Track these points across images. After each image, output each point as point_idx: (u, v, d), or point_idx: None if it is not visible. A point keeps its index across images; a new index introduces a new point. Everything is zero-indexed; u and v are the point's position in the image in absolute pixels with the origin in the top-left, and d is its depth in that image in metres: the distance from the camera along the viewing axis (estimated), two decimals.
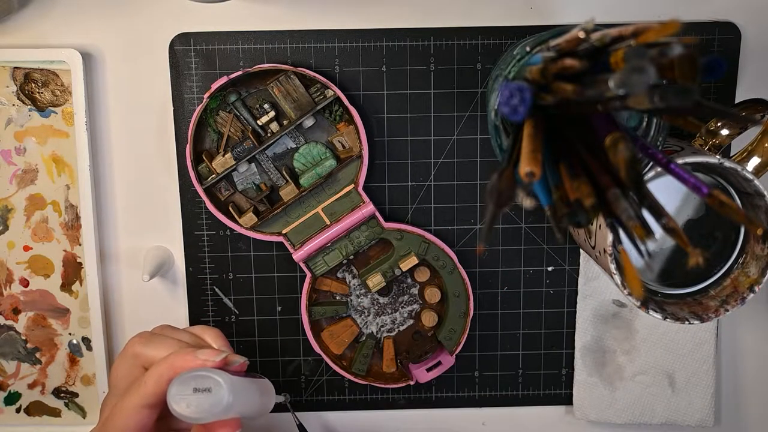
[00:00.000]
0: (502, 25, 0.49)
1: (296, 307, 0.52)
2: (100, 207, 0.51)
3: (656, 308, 0.44)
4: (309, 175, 0.50)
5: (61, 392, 0.53)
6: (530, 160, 0.31)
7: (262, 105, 0.49)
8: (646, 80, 0.28)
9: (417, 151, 0.51)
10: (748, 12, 0.49)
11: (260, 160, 0.50)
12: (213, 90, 0.47)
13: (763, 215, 0.43)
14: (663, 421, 0.54)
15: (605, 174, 0.32)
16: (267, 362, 0.53)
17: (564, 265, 0.52)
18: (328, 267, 0.50)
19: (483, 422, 0.55)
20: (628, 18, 0.49)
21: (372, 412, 0.54)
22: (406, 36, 0.49)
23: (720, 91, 0.50)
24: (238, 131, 0.50)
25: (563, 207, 0.33)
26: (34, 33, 0.49)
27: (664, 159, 0.34)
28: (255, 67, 0.47)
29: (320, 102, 0.48)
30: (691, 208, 0.45)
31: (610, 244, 0.42)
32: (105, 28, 0.49)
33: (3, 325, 0.52)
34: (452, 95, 0.50)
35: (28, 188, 0.51)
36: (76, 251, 0.51)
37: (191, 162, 0.48)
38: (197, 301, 0.52)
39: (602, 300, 0.53)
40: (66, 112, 0.50)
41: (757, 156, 0.44)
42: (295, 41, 0.49)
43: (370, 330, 0.53)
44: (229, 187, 0.50)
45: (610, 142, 0.31)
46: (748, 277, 0.45)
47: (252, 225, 0.49)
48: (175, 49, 0.49)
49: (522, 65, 0.39)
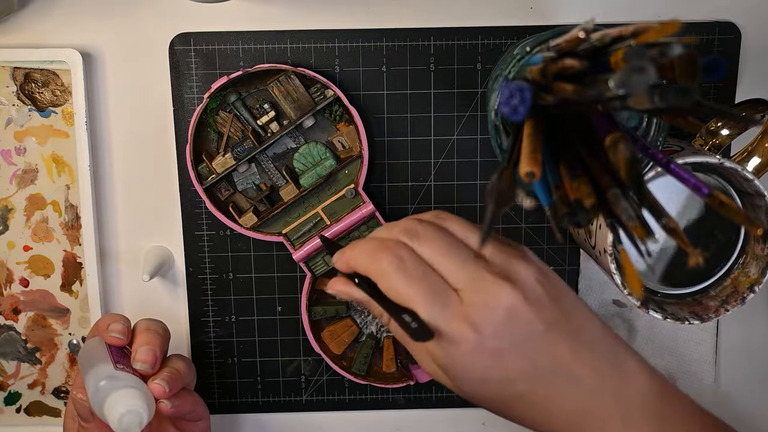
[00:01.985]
0: (502, 25, 0.49)
1: (296, 307, 0.52)
2: (100, 207, 0.51)
3: (656, 308, 0.44)
4: (309, 175, 0.50)
5: (61, 392, 0.53)
6: (530, 160, 0.31)
7: (262, 105, 0.49)
8: (646, 80, 0.28)
9: (417, 151, 0.51)
10: (748, 12, 0.49)
11: (260, 160, 0.50)
12: (213, 90, 0.47)
13: (763, 215, 0.43)
14: None
15: (605, 174, 0.32)
16: (267, 362, 0.53)
17: (564, 265, 0.52)
18: (328, 267, 0.50)
19: (483, 422, 0.55)
20: (628, 18, 0.49)
21: (372, 412, 0.54)
22: (406, 36, 0.49)
23: (720, 91, 0.50)
24: (238, 131, 0.50)
25: (563, 207, 0.33)
26: (34, 33, 0.49)
27: (664, 159, 0.34)
28: (255, 67, 0.47)
29: (320, 102, 0.48)
30: (691, 208, 0.45)
31: (610, 244, 0.42)
32: (105, 28, 0.49)
33: (3, 325, 0.52)
34: (452, 95, 0.50)
35: (28, 188, 0.51)
36: (76, 251, 0.51)
37: (191, 162, 0.48)
38: (197, 301, 0.52)
39: (602, 300, 0.53)
40: (66, 112, 0.50)
41: (757, 156, 0.44)
42: (295, 41, 0.49)
43: (370, 330, 0.53)
44: (229, 187, 0.50)
45: (610, 142, 0.31)
46: (748, 277, 0.45)
47: (252, 225, 0.49)
48: (175, 49, 0.49)
49: (522, 65, 0.39)
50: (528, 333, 0.36)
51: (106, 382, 0.40)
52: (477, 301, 0.35)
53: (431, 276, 0.36)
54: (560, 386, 0.36)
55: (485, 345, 0.35)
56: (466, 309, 0.35)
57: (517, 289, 0.36)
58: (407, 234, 0.38)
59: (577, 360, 0.36)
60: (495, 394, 0.37)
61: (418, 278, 0.36)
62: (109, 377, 0.40)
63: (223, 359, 0.53)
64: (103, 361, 0.42)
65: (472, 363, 0.36)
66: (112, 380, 0.40)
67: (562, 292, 0.38)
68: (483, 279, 0.36)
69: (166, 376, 0.43)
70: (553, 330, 0.36)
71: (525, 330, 0.36)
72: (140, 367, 0.43)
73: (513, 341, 0.36)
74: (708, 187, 0.33)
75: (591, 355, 0.37)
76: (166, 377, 0.43)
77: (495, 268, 0.36)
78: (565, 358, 0.36)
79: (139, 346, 0.43)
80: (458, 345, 0.35)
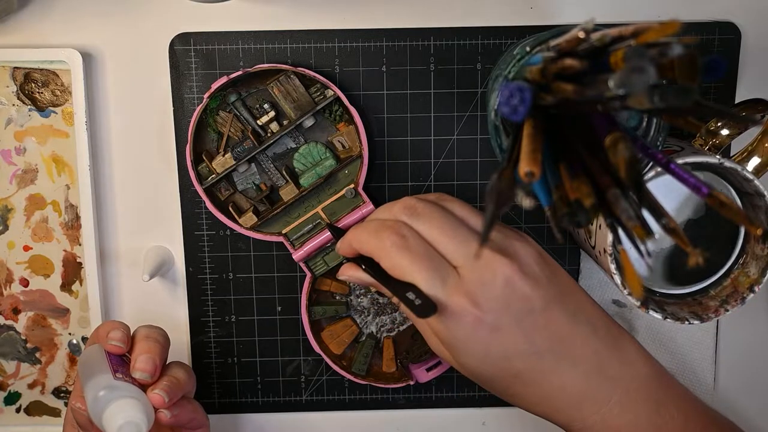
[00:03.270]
0: (502, 25, 0.49)
1: (296, 307, 0.52)
2: (100, 207, 0.51)
3: (656, 308, 0.44)
4: (309, 175, 0.50)
5: (61, 392, 0.53)
6: (530, 160, 0.31)
7: (262, 105, 0.49)
8: (646, 80, 0.28)
9: (417, 151, 0.51)
10: (748, 12, 0.49)
11: (260, 160, 0.50)
12: (213, 90, 0.47)
13: (763, 215, 0.43)
14: None
15: (605, 174, 0.32)
16: (267, 362, 0.53)
17: (564, 265, 0.52)
18: (328, 267, 0.50)
19: (483, 422, 0.55)
20: (628, 18, 0.49)
21: (372, 412, 0.54)
22: (406, 36, 0.49)
23: (720, 91, 0.50)
24: (238, 131, 0.50)
25: (563, 207, 0.33)
26: (34, 33, 0.49)
27: (664, 159, 0.34)
28: (255, 67, 0.47)
29: (320, 102, 0.48)
30: (691, 208, 0.45)
31: (610, 244, 0.42)
32: (105, 28, 0.49)
33: (3, 325, 0.52)
34: (452, 95, 0.50)
35: (28, 188, 0.51)
36: (76, 251, 0.51)
37: (191, 162, 0.48)
38: (197, 301, 0.52)
39: (602, 300, 0.53)
40: (66, 112, 0.50)
41: (757, 156, 0.44)
42: (295, 41, 0.49)
43: (369, 330, 0.53)
44: (229, 187, 0.50)
45: (610, 142, 0.31)
46: (748, 277, 0.45)
47: (252, 225, 0.49)
48: (175, 49, 0.49)
49: (522, 65, 0.39)
50: (527, 310, 0.36)
51: (105, 393, 0.40)
52: (475, 275, 0.36)
53: (431, 253, 0.37)
54: (558, 366, 0.37)
55: (484, 320, 0.36)
56: (465, 284, 0.36)
57: (515, 263, 0.36)
58: (407, 212, 0.39)
59: (577, 340, 0.37)
60: (495, 373, 0.37)
61: (420, 255, 0.37)
62: (108, 387, 0.40)
63: (223, 359, 0.53)
64: (102, 370, 0.42)
65: (473, 338, 0.36)
66: (110, 390, 0.40)
67: (559, 274, 0.38)
68: (482, 255, 0.36)
69: (165, 386, 0.42)
70: (552, 308, 0.37)
71: (523, 306, 0.36)
72: (139, 376, 0.42)
73: (512, 317, 0.36)
74: (708, 187, 0.33)
75: (590, 336, 0.37)
76: (166, 387, 0.42)
77: (493, 246, 0.37)
78: (564, 338, 0.37)
79: (138, 355, 0.43)
80: (458, 319, 0.36)
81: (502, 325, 0.36)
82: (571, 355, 0.37)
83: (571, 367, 0.37)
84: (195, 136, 0.48)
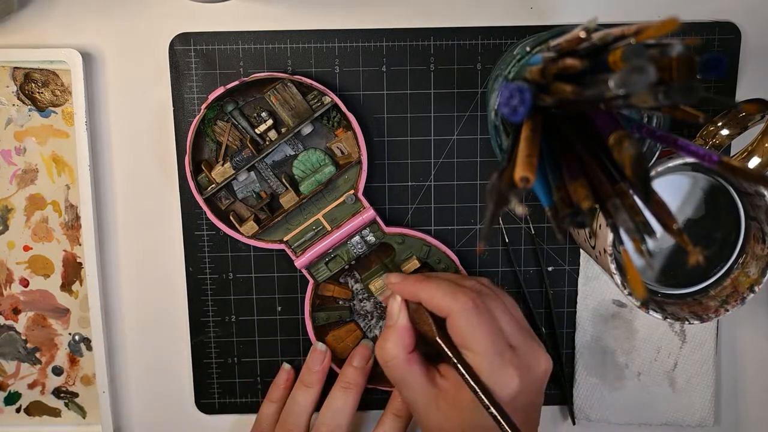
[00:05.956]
0: (502, 25, 0.49)
1: (296, 307, 0.52)
2: (100, 207, 0.51)
3: (656, 308, 0.44)
4: (308, 182, 0.50)
5: (61, 392, 0.53)
6: (525, 165, 0.30)
7: (260, 113, 0.49)
8: (646, 80, 0.28)
9: (417, 151, 0.51)
10: (748, 12, 0.49)
11: (259, 169, 0.50)
12: (210, 101, 0.47)
13: (763, 215, 0.43)
14: (663, 421, 0.54)
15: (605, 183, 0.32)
16: (267, 362, 0.53)
17: (564, 265, 0.52)
18: (330, 273, 0.50)
19: None
20: (627, 18, 0.49)
21: (372, 412, 0.54)
22: (406, 36, 0.49)
23: (720, 90, 0.50)
24: (236, 140, 0.49)
25: (565, 208, 0.33)
26: (34, 33, 0.49)
27: (672, 137, 0.34)
28: (252, 77, 0.47)
29: (318, 109, 0.48)
30: (691, 208, 0.45)
31: (610, 245, 0.42)
32: (105, 28, 0.49)
33: (3, 325, 0.52)
34: (452, 95, 0.50)
35: (28, 188, 0.51)
36: (76, 251, 0.51)
37: (191, 173, 0.48)
38: (197, 301, 0.52)
39: (602, 300, 0.53)
40: (66, 112, 0.50)
41: (757, 156, 0.44)
42: (295, 41, 0.49)
43: (373, 334, 0.53)
44: (230, 196, 0.50)
45: (615, 140, 0.31)
46: (748, 277, 0.45)
47: (253, 233, 0.49)
48: (175, 49, 0.49)
49: (522, 65, 0.39)
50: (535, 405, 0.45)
51: None
52: (529, 358, 0.43)
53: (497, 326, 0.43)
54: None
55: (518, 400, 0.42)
56: (519, 360, 0.42)
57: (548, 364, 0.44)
58: (475, 290, 0.44)
59: None
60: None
61: (489, 324, 0.42)
62: None
63: (223, 359, 0.53)
64: None
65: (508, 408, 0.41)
66: None
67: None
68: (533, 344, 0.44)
69: None
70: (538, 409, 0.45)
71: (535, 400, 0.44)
72: None
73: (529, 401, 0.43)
74: (718, 155, 0.32)
75: None
76: None
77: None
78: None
79: None
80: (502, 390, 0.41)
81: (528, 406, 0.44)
82: None
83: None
84: (194, 146, 0.48)
